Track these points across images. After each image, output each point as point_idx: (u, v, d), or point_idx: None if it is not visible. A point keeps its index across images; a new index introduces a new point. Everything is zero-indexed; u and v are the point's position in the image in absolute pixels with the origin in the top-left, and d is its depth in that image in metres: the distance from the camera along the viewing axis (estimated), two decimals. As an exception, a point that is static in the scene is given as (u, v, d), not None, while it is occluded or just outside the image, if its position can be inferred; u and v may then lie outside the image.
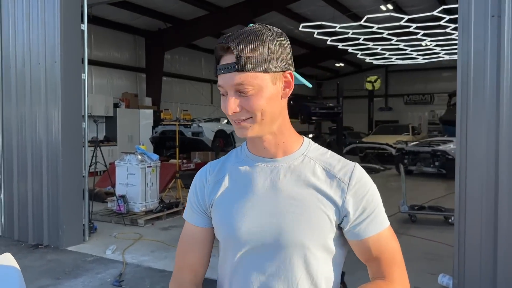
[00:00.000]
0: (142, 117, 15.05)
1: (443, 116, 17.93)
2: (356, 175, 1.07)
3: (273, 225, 1.06)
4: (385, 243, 1.08)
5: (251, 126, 1.03)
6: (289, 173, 1.08)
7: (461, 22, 3.26)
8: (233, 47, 0.99)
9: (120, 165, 7.50)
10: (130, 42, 16.23)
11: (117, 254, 5.31)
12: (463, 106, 3.26)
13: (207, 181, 1.17)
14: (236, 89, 1.01)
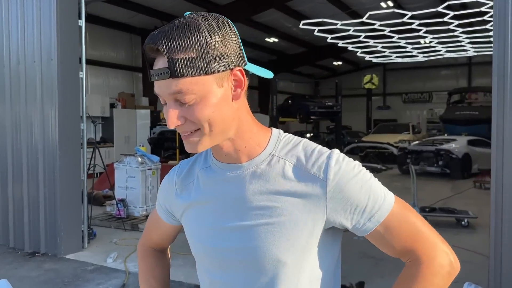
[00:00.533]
0: (139, 118, 14.76)
1: (443, 114, 17.79)
2: (333, 166, 0.89)
3: (243, 241, 0.92)
4: (399, 223, 0.91)
5: (200, 140, 0.88)
6: (255, 179, 0.93)
7: (497, 11, 3.01)
8: (162, 48, 0.80)
9: (119, 167, 7.21)
10: (126, 41, 15.91)
11: (118, 262, 5.02)
12: (499, 102, 3.02)
13: (174, 185, 1.05)
14: (175, 98, 0.84)
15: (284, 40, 19.40)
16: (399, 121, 24.65)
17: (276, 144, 0.96)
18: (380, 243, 0.94)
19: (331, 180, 0.89)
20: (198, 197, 1.00)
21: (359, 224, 0.91)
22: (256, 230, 0.91)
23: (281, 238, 0.90)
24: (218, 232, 0.96)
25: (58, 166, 5.19)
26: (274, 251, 0.91)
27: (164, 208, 1.11)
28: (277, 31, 17.94)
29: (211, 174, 0.99)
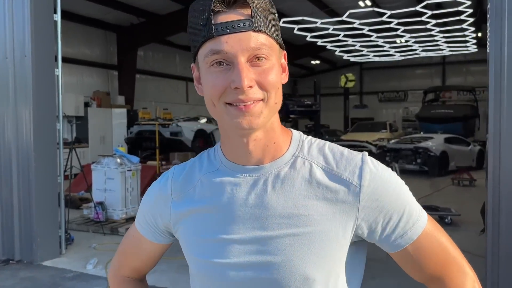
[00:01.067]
0: (115, 117, 14.40)
1: (419, 113, 18.06)
2: (368, 171, 0.80)
3: (263, 255, 0.79)
4: (430, 244, 0.82)
5: (263, 112, 0.76)
6: (279, 183, 0.81)
7: (493, 10, 2.97)
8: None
9: (97, 169, 6.93)
10: (101, 38, 15.48)
11: (99, 269, 4.80)
12: (496, 99, 2.98)
13: (170, 193, 0.90)
14: (253, 55, 0.74)
15: (263, 39, 19.30)
16: (375, 119, 24.91)
17: (298, 144, 0.86)
18: (407, 264, 0.84)
19: (365, 187, 0.79)
20: (202, 203, 0.86)
21: (390, 240, 0.82)
22: (280, 242, 0.79)
23: (309, 251, 0.78)
24: (227, 244, 0.82)
25: (33, 168, 4.92)
26: (302, 266, 0.78)
27: (151, 224, 0.94)
28: (256, 29, 17.81)
29: (219, 177, 0.85)
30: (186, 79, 19.68)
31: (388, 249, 0.84)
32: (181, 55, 19.26)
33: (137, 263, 1.02)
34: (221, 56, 0.74)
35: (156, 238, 0.96)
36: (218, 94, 0.77)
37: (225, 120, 0.79)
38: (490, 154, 3.03)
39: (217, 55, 0.75)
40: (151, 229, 0.96)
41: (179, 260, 5.02)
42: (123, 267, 1.04)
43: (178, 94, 19.33)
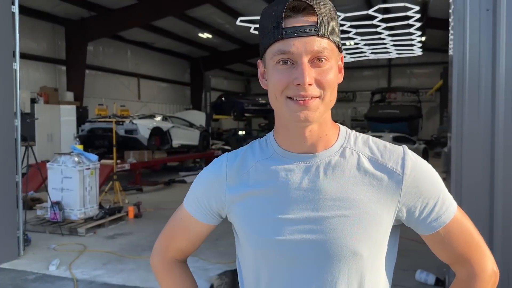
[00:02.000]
0: (64, 114, 13.77)
1: (367, 113, 18.81)
2: (409, 161, 0.92)
3: (316, 233, 0.89)
4: (459, 229, 0.94)
5: (319, 109, 0.87)
6: (330, 169, 0.92)
7: (457, 15, 3.20)
8: (315, 6, 0.85)
9: (53, 167, 6.66)
10: (48, 31, 14.76)
11: (63, 270, 4.64)
12: (459, 100, 3.22)
13: (226, 177, 0.98)
14: (315, 56, 0.85)
15: (217, 37, 19.24)
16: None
17: (346, 137, 0.96)
18: (438, 246, 0.96)
19: (407, 175, 0.90)
20: (259, 187, 0.94)
21: (425, 222, 0.93)
22: (332, 222, 0.89)
23: (358, 230, 0.89)
24: (285, 223, 0.91)
25: (-11, 167, 4.66)
26: (351, 243, 0.89)
27: (203, 205, 1.02)
28: (211, 27, 17.74)
29: (273, 164, 0.95)
30: (138, 76, 19.22)
31: (423, 231, 0.95)
32: (133, 50, 18.78)
33: (184, 244, 1.09)
34: (287, 56, 0.85)
35: (207, 219, 1.04)
36: (281, 89, 0.87)
37: (285, 112, 0.89)
38: (453, 152, 3.27)
39: (284, 55, 0.85)
40: (203, 210, 1.03)
41: (146, 259, 4.96)
42: (170, 249, 1.10)
43: (130, 90, 18.84)
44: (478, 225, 3.02)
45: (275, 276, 0.93)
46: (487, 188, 3.17)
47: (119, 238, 5.96)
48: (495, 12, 3.14)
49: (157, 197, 9.28)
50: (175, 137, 12.70)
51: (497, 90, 3.14)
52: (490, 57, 3.15)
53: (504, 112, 3.13)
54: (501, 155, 3.13)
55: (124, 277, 4.46)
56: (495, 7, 3.13)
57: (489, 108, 3.16)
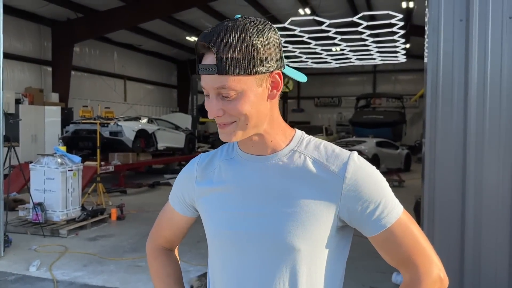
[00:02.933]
0: (48, 115, 13.65)
1: (352, 118, 19.01)
2: (351, 166, 0.97)
3: (261, 227, 0.99)
4: (402, 233, 0.97)
5: (235, 132, 0.97)
6: (277, 170, 1.01)
7: (431, 25, 3.32)
8: (212, 46, 0.91)
9: (36, 168, 6.63)
10: (35, 32, 14.64)
11: (43, 271, 4.63)
12: (433, 107, 3.32)
13: (195, 174, 1.12)
14: (218, 92, 0.94)
15: (204, 40, 19.28)
16: (312, 123, 25.81)
17: (299, 141, 1.04)
18: (382, 248, 1.00)
19: (348, 179, 0.96)
20: (220, 184, 1.06)
21: (367, 225, 0.98)
22: (275, 217, 0.98)
23: (297, 227, 0.97)
24: (237, 216, 1.02)
25: (-31, 167, 4.64)
26: (290, 238, 0.97)
27: (180, 199, 1.16)
28: (198, 30, 17.78)
29: (234, 164, 1.06)
30: (124, 77, 19.16)
31: (365, 233, 1.00)
32: (120, 52, 18.72)
33: (168, 233, 1.23)
34: (203, 89, 0.97)
35: (183, 211, 1.17)
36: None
37: None
38: (427, 157, 3.37)
39: (202, 87, 0.98)
40: (180, 203, 1.17)
41: (126, 261, 4.98)
42: (158, 237, 1.24)
43: (116, 92, 18.76)
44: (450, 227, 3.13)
45: (226, 264, 1.05)
46: (459, 191, 3.28)
47: (101, 240, 5.96)
48: (468, 22, 3.26)
49: (141, 199, 9.27)
50: (161, 140, 12.69)
51: (469, 97, 3.26)
52: (463, 65, 3.28)
53: (475, 118, 3.25)
54: (472, 159, 3.25)
55: (104, 278, 4.47)
56: (468, 17, 3.26)
57: (461, 114, 3.28)
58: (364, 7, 16.70)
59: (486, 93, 3.24)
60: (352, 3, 16.79)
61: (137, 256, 5.09)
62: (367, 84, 27.28)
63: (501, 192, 3.21)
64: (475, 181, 3.24)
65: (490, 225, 3.23)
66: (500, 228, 3.23)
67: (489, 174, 3.23)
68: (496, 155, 3.22)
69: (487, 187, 3.23)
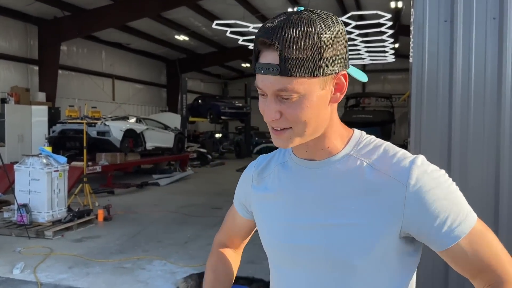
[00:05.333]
0: (35, 115, 13.50)
1: (342, 117, 19.07)
2: (415, 171, 0.85)
3: (313, 240, 0.91)
4: (478, 245, 0.86)
5: (291, 139, 0.88)
6: (331, 178, 0.92)
7: (416, 25, 3.32)
8: (276, 45, 0.81)
9: (20, 169, 6.53)
10: (21, 30, 14.44)
11: (27, 273, 4.56)
12: (418, 107, 3.33)
13: (251, 177, 1.09)
14: (277, 94, 0.85)
15: (194, 39, 19.19)
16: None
17: (356, 144, 0.94)
18: (455, 262, 0.89)
19: (411, 186, 0.85)
20: (273, 191, 1.01)
21: (437, 238, 0.86)
22: (327, 230, 0.90)
23: (351, 241, 0.88)
24: (291, 227, 0.95)
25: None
26: (343, 253, 0.88)
27: (239, 201, 1.14)
28: (187, 29, 17.69)
29: (287, 169, 1.00)
30: (112, 77, 18.99)
31: (436, 248, 0.88)
32: (108, 51, 18.55)
33: (232, 233, 1.21)
34: (259, 90, 0.88)
35: (243, 213, 1.15)
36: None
37: None
38: (412, 154, 3.38)
39: (258, 87, 0.88)
40: (240, 205, 1.15)
41: (113, 262, 4.92)
42: (223, 235, 1.23)
43: (104, 92, 18.59)
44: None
45: (280, 275, 1.00)
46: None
47: (87, 241, 5.89)
48: (452, 23, 3.27)
49: (128, 200, 9.19)
50: (149, 139, 12.61)
51: (454, 97, 3.27)
52: (448, 65, 3.28)
53: (460, 117, 3.26)
54: (457, 160, 3.26)
55: (89, 280, 4.42)
56: (452, 18, 3.26)
57: (446, 114, 3.29)
58: (353, 7, 16.74)
59: (470, 92, 3.25)
60: (341, 3, 16.82)
61: (123, 258, 5.03)
62: (357, 83, 27.31)
63: (485, 190, 3.23)
64: (460, 178, 3.25)
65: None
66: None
67: (474, 171, 3.25)
68: (480, 153, 3.24)
69: (471, 184, 3.25)
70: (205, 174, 14.12)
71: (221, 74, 27.18)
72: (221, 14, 16.14)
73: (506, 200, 3.18)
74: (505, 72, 3.19)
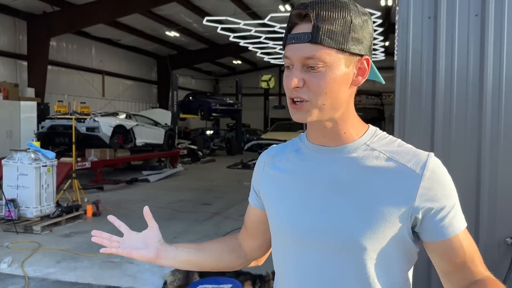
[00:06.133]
0: (24, 110, 13.38)
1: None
2: (431, 165, 0.91)
3: (327, 223, 0.93)
4: (465, 245, 0.93)
5: (310, 111, 0.91)
6: (349, 164, 0.95)
7: (401, 22, 3.37)
8: (311, 13, 0.88)
9: (8, 164, 6.50)
10: (9, 25, 14.31)
11: (15, 267, 4.56)
12: (401, 103, 3.38)
13: (264, 162, 1.10)
14: (305, 63, 0.89)
15: (185, 35, 19.15)
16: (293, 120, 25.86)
17: (372, 137, 0.98)
18: (444, 255, 0.94)
19: (426, 177, 0.90)
20: (285, 172, 1.02)
21: (435, 228, 0.92)
22: (340, 213, 0.92)
23: (364, 224, 0.91)
24: (299, 209, 0.97)
25: None
26: (355, 235, 0.91)
27: (253, 190, 1.14)
28: (178, 25, 17.64)
29: (301, 155, 1.02)
30: (102, 73, 18.89)
31: (429, 237, 0.93)
32: (98, 47, 18.45)
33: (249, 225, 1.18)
34: (287, 61, 0.92)
35: (254, 202, 1.14)
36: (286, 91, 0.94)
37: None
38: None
39: (286, 59, 0.92)
40: (253, 194, 1.14)
41: (101, 257, 4.93)
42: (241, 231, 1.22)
43: (94, 88, 18.49)
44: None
45: (288, 256, 1.00)
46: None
47: (75, 236, 5.88)
48: (436, 19, 3.32)
49: (118, 196, 9.18)
50: (139, 136, 12.58)
51: (437, 93, 3.33)
52: (431, 62, 3.34)
53: (443, 113, 3.32)
54: (440, 154, 3.31)
55: (77, 274, 4.43)
56: (436, 15, 3.32)
57: (429, 110, 3.35)
58: (344, 4, 16.80)
59: (453, 88, 3.32)
60: (332, 1, 16.89)
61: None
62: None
63: (467, 183, 3.29)
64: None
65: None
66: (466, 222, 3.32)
67: (456, 165, 3.31)
68: (462, 147, 3.31)
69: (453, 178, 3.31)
70: (196, 171, 14.12)
71: (212, 71, 27.15)
72: (212, 11, 16.13)
73: (486, 193, 3.26)
74: (486, 68, 3.26)
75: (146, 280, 4.30)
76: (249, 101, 25.47)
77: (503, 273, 3.17)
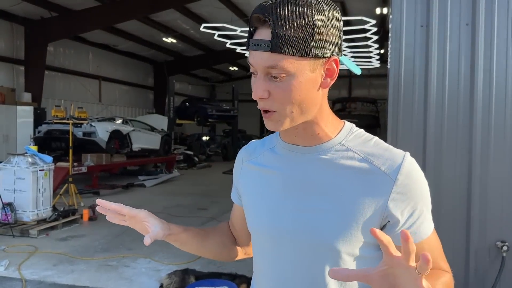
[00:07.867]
0: (21, 115, 13.41)
1: (328, 121, 19.29)
2: (406, 168, 0.89)
3: (301, 225, 0.92)
4: (431, 248, 0.93)
5: (280, 121, 0.89)
6: (323, 165, 0.92)
7: (394, 30, 3.46)
8: (269, 20, 0.82)
9: (5, 168, 6.53)
10: (7, 30, 14.35)
11: (11, 270, 4.59)
12: (394, 110, 3.46)
13: (242, 159, 1.10)
14: (268, 72, 0.85)
15: (182, 42, 19.24)
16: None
17: (347, 135, 0.95)
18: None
19: (399, 181, 0.88)
20: (259, 172, 1.01)
21: (409, 229, 0.90)
22: (313, 214, 0.91)
23: (337, 225, 0.89)
24: (274, 210, 0.96)
25: None
26: (328, 237, 0.90)
27: (234, 186, 1.14)
28: (175, 31, 17.73)
29: (276, 155, 1.00)
30: (99, 78, 18.91)
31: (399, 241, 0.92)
32: (95, 52, 18.48)
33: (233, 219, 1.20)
34: (251, 67, 0.89)
35: (235, 198, 1.14)
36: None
37: None
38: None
39: (250, 65, 0.88)
40: (234, 190, 1.14)
41: (97, 260, 4.97)
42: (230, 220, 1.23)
43: (91, 93, 18.51)
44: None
45: (264, 256, 1.00)
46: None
47: (72, 240, 5.91)
48: (428, 28, 3.42)
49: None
50: (135, 141, 12.61)
51: (429, 99, 3.41)
52: (424, 69, 3.42)
53: (435, 119, 3.40)
54: (431, 158, 3.40)
55: (74, 277, 4.46)
56: (428, 23, 3.41)
57: (421, 116, 3.43)
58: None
59: (445, 95, 3.40)
60: (328, 8, 17.05)
61: (108, 256, 5.08)
62: (343, 88, 27.67)
63: (458, 186, 3.36)
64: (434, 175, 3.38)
65: (447, 225, 3.38)
66: (456, 228, 3.38)
67: (447, 169, 3.38)
68: (453, 151, 3.38)
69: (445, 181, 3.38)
70: (192, 176, 14.15)
71: (208, 77, 27.24)
72: (209, 17, 16.24)
73: (477, 197, 3.33)
74: (477, 74, 3.34)
75: (143, 283, 4.34)
76: (245, 107, 25.49)
77: (494, 276, 3.24)
